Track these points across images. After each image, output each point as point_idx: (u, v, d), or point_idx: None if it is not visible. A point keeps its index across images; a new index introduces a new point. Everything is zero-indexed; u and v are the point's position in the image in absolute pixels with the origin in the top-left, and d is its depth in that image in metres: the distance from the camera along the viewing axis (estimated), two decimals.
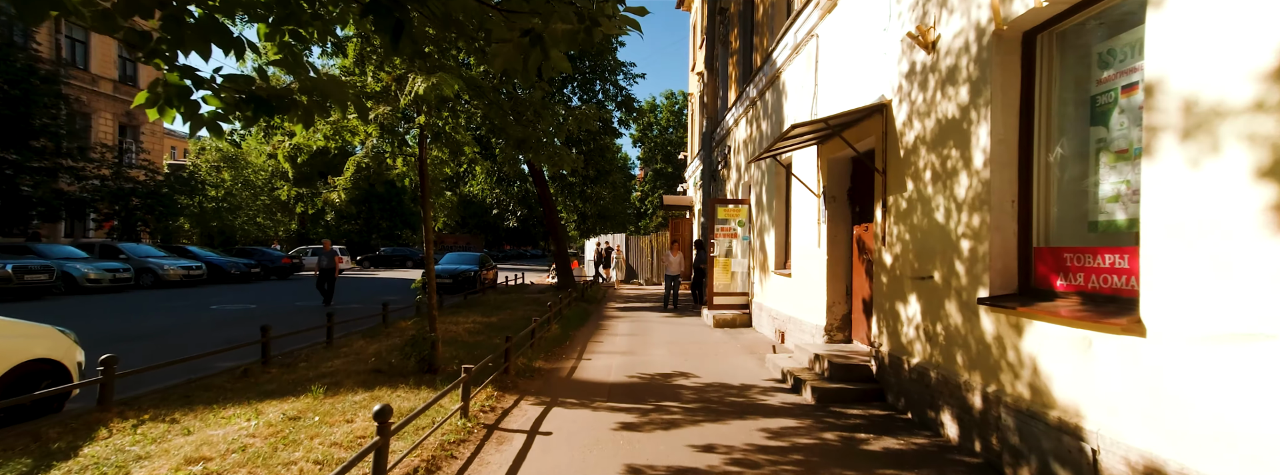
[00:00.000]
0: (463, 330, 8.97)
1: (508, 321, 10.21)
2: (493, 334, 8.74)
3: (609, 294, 17.88)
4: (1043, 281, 3.22)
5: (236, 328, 9.80)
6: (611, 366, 6.74)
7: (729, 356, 7.33)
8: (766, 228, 9.36)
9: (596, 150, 17.18)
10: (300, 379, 5.37)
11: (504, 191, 17.74)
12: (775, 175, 8.85)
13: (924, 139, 4.26)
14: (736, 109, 11.65)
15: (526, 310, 11.97)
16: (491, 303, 13.48)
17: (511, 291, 17.46)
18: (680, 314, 12.37)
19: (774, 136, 8.76)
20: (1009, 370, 3.19)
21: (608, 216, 19.84)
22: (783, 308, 8.18)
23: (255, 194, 35.84)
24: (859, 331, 6.14)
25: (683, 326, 10.37)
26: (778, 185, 8.83)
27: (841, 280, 6.38)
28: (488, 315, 10.93)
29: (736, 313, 10.42)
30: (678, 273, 13.72)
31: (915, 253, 4.35)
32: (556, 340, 8.51)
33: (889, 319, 4.80)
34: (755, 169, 10.18)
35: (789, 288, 7.89)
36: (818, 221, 6.61)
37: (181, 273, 17.40)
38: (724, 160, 13.43)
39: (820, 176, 6.60)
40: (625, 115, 17.19)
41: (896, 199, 4.70)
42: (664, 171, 44.58)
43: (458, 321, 9.90)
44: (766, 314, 9.12)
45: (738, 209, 10.71)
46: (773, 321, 8.71)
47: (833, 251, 6.39)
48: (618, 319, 11.46)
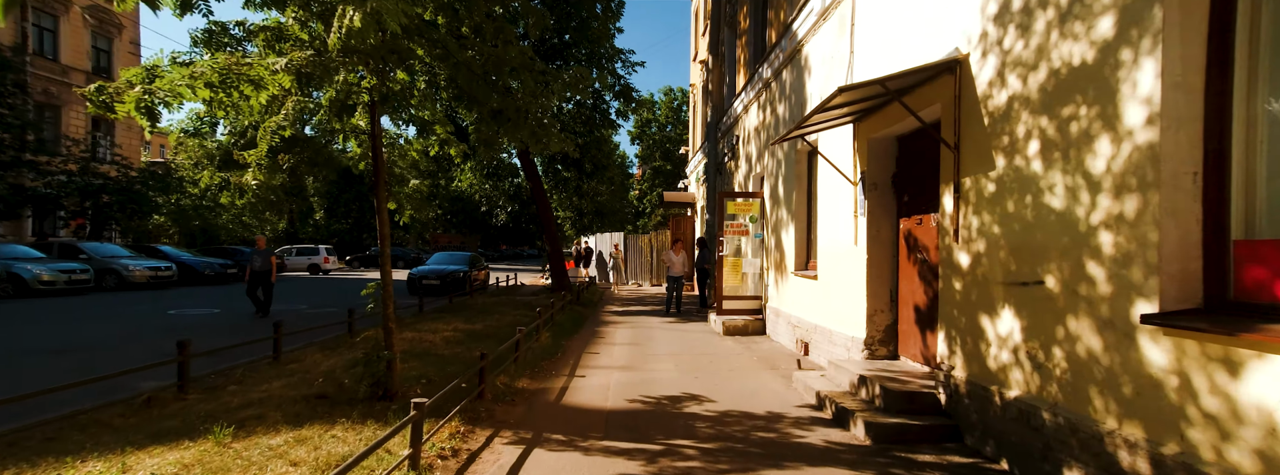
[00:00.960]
0: (440, 340, 7.89)
1: (493, 329, 9.13)
2: (474, 344, 7.66)
3: (606, 296, 16.81)
4: (1251, 290, 2.17)
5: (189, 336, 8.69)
6: (609, 386, 5.67)
7: (746, 372, 6.27)
8: (783, 223, 8.30)
9: (593, 142, 16.11)
10: (218, 410, 4.28)
11: (493, 186, 16.62)
12: (795, 163, 7.79)
13: (1026, 98, 3.20)
14: (746, 94, 10.59)
15: (516, 315, 10.90)
16: (479, 306, 12.40)
17: (502, 294, 16.39)
18: (684, 319, 11.31)
19: (793, 120, 7.71)
20: (1209, 426, 2.14)
21: (605, 213, 18.75)
22: (806, 315, 7.11)
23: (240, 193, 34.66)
24: (909, 346, 5.08)
25: (688, 334, 9.31)
26: (798, 174, 7.78)
27: (885, 284, 5.32)
28: (471, 321, 9.84)
29: (748, 318, 9.35)
30: (681, 274, 12.66)
31: (1011, 250, 3.29)
32: (546, 352, 7.43)
33: (966, 336, 3.74)
34: (769, 158, 9.12)
35: (814, 292, 6.83)
36: (854, 214, 5.55)
37: (148, 274, 16.26)
38: (731, 152, 12.37)
39: (857, 161, 5.54)
40: (624, 106, 16.11)
41: (978, 181, 3.64)
42: (663, 169, 43.51)
43: (437, 329, 8.82)
44: (785, 321, 8.06)
45: (749, 203, 9.65)
46: (792, 329, 7.65)
47: (874, 250, 5.32)
48: (616, 325, 10.39)
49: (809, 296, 7.06)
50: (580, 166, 15.85)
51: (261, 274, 11.26)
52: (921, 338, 4.79)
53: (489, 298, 14.55)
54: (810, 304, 6.99)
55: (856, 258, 5.51)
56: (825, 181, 6.52)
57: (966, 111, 3.75)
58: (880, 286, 5.33)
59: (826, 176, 6.46)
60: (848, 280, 5.73)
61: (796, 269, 7.73)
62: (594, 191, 17.74)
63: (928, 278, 4.68)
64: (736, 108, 11.60)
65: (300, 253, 27.84)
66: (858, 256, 5.48)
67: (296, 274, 26.98)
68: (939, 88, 4.06)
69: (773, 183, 8.95)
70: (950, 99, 3.90)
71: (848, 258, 5.74)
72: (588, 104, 16.06)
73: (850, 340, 5.63)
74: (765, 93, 9.36)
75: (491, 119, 4.78)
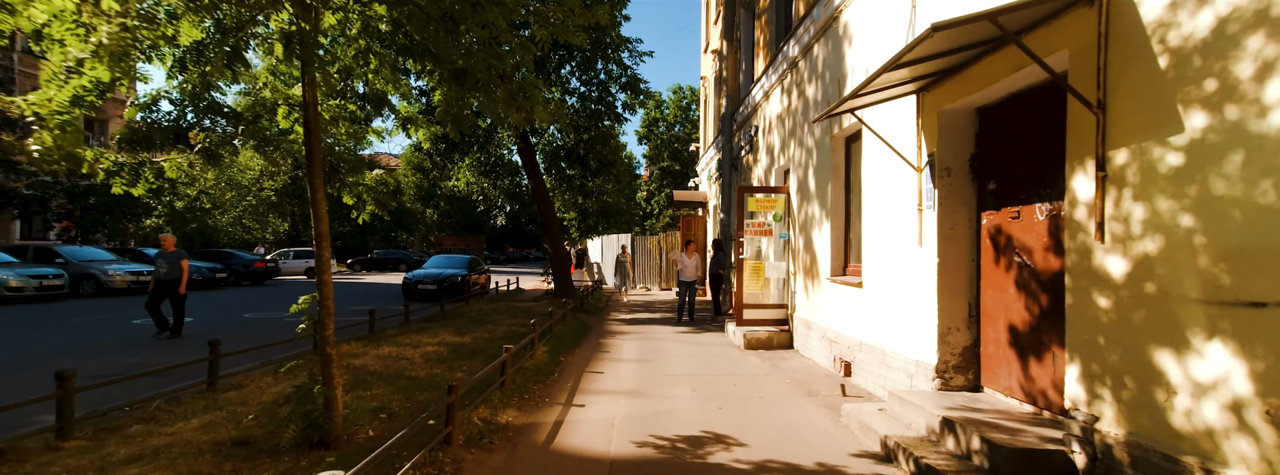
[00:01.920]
0: (419, 357, 6.83)
1: (484, 341, 8.08)
2: (458, 362, 6.61)
3: (612, 302, 15.73)
4: None
5: (145, 350, 7.72)
6: (613, 421, 4.59)
7: (780, 401, 5.16)
8: (814, 222, 7.18)
9: (598, 137, 15.06)
10: (87, 468, 3.23)
11: (492, 185, 15.59)
12: (829, 152, 6.68)
13: (1251, 18, 2.09)
14: (767, 79, 9.49)
15: (512, 324, 9.85)
16: (473, 314, 11.36)
17: (501, 299, 15.36)
18: (698, 328, 10.20)
19: (828, 101, 6.60)
20: None
21: (611, 214, 17.68)
22: (847, 329, 5.99)
23: (241, 194, 33.93)
24: (999, 376, 3.95)
25: (704, 347, 8.20)
26: (833, 164, 6.66)
27: (961, 295, 4.20)
28: (461, 333, 8.79)
29: (772, 330, 8.24)
30: (693, 278, 11.55)
31: (1221, 254, 2.17)
32: (542, 371, 6.36)
33: (1123, 375, 2.62)
34: (796, 148, 8.01)
35: (858, 302, 5.70)
36: (917, 208, 4.43)
37: (129, 279, 15.36)
38: (748, 144, 11.26)
39: (923, 141, 4.42)
40: (631, 98, 15.03)
41: (1143, 153, 2.53)
42: (671, 169, 42.44)
43: (419, 343, 7.76)
44: (818, 334, 6.93)
45: (772, 199, 8.54)
46: (828, 346, 6.52)
47: (948, 251, 4.20)
48: (622, 336, 9.30)
49: (850, 307, 5.94)
50: (584, 163, 14.80)
51: (168, 284, 8.76)
52: (1021, 367, 3.66)
53: (486, 304, 13.51)
54: (853, 316, 5.87)
55: (921, 262, 4.39)
56: (873, 169, 5.40)
57: (1121, 53, 2.64)
58: (954, 298, 4.20)
59: (875, 164, 5.34)
60: (908, 289, 4.61)
61: (832, 274, 6.61)
62: (599, 190, 16.66)
63: (1031, 288, 3.56)
64: (755, 95, 10.50)
65: (298, 256, 26.97)
66: (923, 260, 4.36)
67: (293, 278, 26.11)
68: (1066, 28, 2.95)
69: (801, 176, 7.83)
70: (1089, 40, 2.79)
71: (907, 261, 4.62)
72: (592, 96, 15.01)
73: (912, 364, 4.51)
74: (791, 74, 8.25)
75: (454, 82, 3.72)
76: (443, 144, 13.86)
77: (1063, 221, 3.22)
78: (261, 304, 14.30)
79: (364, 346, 7.32)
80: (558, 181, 15.87)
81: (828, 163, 6.74)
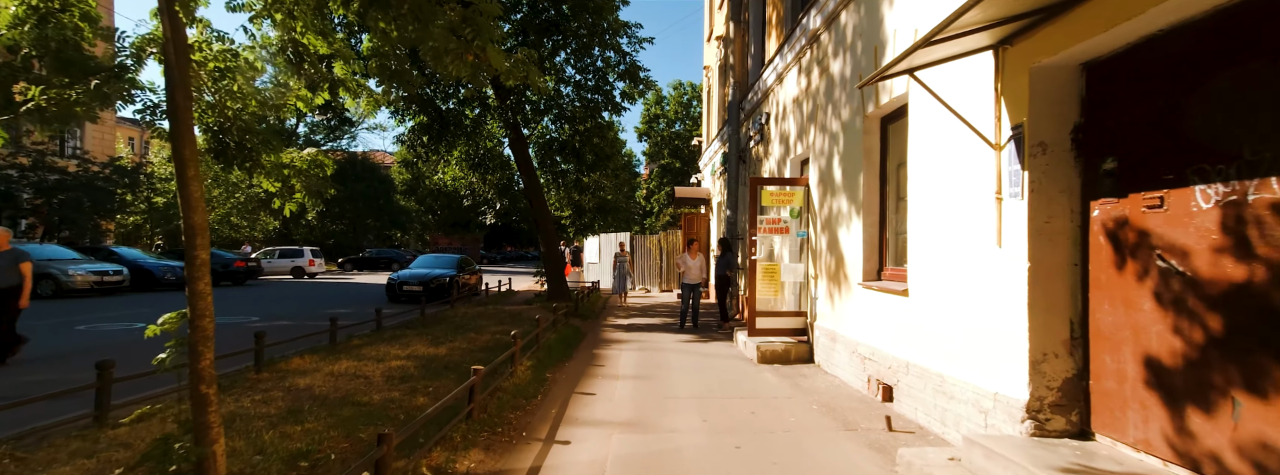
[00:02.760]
0: (380, 375, 5.82)
1: (462, 353, 7.08)
2: (425, 381, 5.61)
3: (609, 305, 14.73)
4: None
5: (66, 366, 6.69)
6: (604, 465, 3.60)
7: (813, 437, 4.15)
8: (841, 217, 6.19)
9: (595, 129, 14.06)
10: None
11: (480, 179, 14.58)
12: (862, 134, 5.67)
13: None
14: (781, 59, 8.49)
15: (497, 331, 8.86)
16: (456, 320, 10.36)
17: (491, 302, 14.35)
18: (703, 337, 9.20)
19: (859, 75, 5.60)
20: None
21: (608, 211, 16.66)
22: (887, 345, 4.99)
23: (229, 191, 32.91)
24: (1121, 421, 2.95)
25: (712, 361, 7.20)
26: (866, 150, 5.66)
27: (1062, 310, 3.20)
28: (438, 343, 7.79)
29: (789, 342, 7.24)
30: (697, 281, 10.56)
31: None
32: (522, 392, 5.37)
33: None
34: (818, 133, 7.01)
35: (904, 314, 4.70)
36: (997, 196, 3.43)
37: (92, 280, 14.35)
38: (759, 134, 10.26)
39: (1003, 109, 3.42)
40: (630, 87, 14.03)
41: None
42: (671, 167, 41.48)
43: (386, 356, 6.76)
44: (845, 348, 5.93)
45: (789, 192, 7.54)
46: (861, 363, 5.52)
47: (1042, 252, 3.20)
48: (619, 345, 8.30)
49: (891, 319, 4.93)
50: (580, 156, 13.79)
51: (4, 293, 6.53)
52: (1169, 414, 2.66)
53: (473, 308, 12.50)
54: (894, 330, 4.86)
55: (1001, 265, 3.39)
56: (927, 151, 4.40)
57: None
58: (1051, 314, 3.20)
59: (930, 143, 4.34)
60: (979, 300, 3.61)
61: (865, 279, 5.60)
62: (596, 185, 15.65)
63: (1187, 304, 2.56)
64: (766, 79, 9.50)
65: (283, 255, 25.94)
66: (1005, 264, 3.36)
67: (278, 278, 25.10)
68: None
69: (823, 165, 6.83)
70: None
71: (978, 265, 3.62)
72: (589, 84, 14.01)
73: (986, 397, 3.51)
74: (811, 50, 7.25)
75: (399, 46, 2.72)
76: (426, 135, 12.86)
77: (1258, 210, 2.23)
78: (231, 308, 13.29)
79: (319, 361, 6.32)
80: (552, 176, 14.87)
81: (859, 148, 5.73)
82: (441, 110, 13.08)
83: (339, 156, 40.95)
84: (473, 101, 13.40)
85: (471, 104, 13.43)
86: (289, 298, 16.11)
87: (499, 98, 13.14)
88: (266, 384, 5.23)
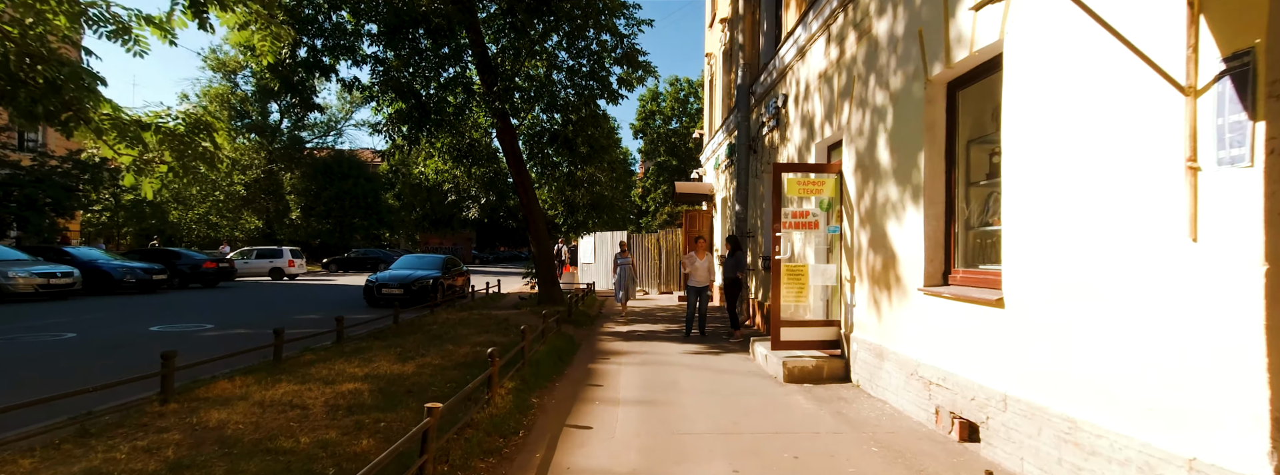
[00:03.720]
0: (322, 403, 4.66)
1: (433, 371, 5.94)
2: (377, 412, 4.46)
3: (606, 308, 13.60)
4: None
5: None
6: None
7: None
8: (891, 207, 5.09)
9: (589, 118, 12.91)
10: None
11: (465, 173, 13.39)
12: (923, 104, 4.57)
13: None
14: (803, 30, 7.40)
15: (480, 342, 7.72)
16: (436, 328, 9.19)
17: (477, 306, 13.19)
18: (713, 347, 8.09)
19: (910, 35, 4.50)
20: None
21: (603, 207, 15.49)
22: (971, 370, 3.89)
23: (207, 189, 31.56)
24: None
25: (728, 379, 6.09)
26: (928, 123, 4.56)
27: None
28: (407, 357, 6.64)
29: (820, 356, 6.15)
30: (704, 284, 9.45)
31: None
32: (500, 426, 4.25)
33: None
34: (855, 110, 5.91)
35: (997, 330, 3.60)
36: (1191, 163, 2.34)
37: (38, 282, 13.08)
38: (774, 119, 9.16)
39: (1204, 32, 2.31)
40: (628, 73, 12.88)
41: None
42: (668, 164, 40.37)
43: (337, 376, 5.60)
44: (898, 368, 4.83)
45: (819, 180, 6.43)
46: (924, 389, 4.42)
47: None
48: (619, 359, 7.18)
49: (974, 336, 3.83)
50: (573, 147, 12.64)
51: None
52: None
53: (456, 313, 11.33)
54: (979, 351, 3.76)
55: (1200, 266, 2.29)
56: (1041, 111, 3.30)
57: None
58: None
59: (1050, 99, 3.23)
60: (1149, 316, 2.52)
61: (928, 284, 4.50)
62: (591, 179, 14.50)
63: None
64: (784, 56, 8.40)
65: (261, 255, 24.64)
66: (1208, 264, 2.27)
67: (254, 279, 23.83)
68: None
69: (862, 147, 5.73)
70: None
71: (1148, 266, 2.52)
72: (583, 70, 12.86)
73: (1177, 465, 2.40)
74: (846, 12, 6.15)
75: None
76: (405, 123, 11.66)
77: None
78: (187, 313, 12.08)
79: (252, 384, 5.15)
80: (543, 169, 13.70)
81: (918, 122, 4.63)
82: (421, 96, 11.90)
83: (324, 154, 39.64)
84: (455, 86, 12.23)
85: (454, 89, 12.25)
86: (259, 302, 14.89)
87: (485, 84, 11.98)
88: (167, 421, 4.07)
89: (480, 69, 11.98)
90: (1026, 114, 3.39)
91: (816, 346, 6.36)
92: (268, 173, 36.31)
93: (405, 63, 11.52)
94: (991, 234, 4.24)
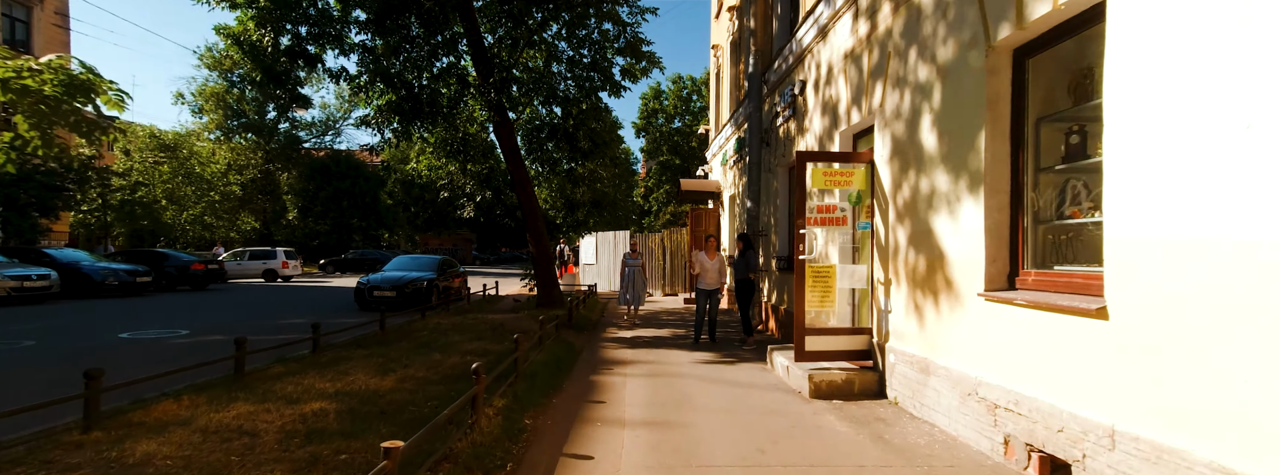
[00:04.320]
0: (277, 429, 3.98)
1: (412, 388, 5.26)
2: (340, 441, 3.79)
3: (608, 312, 12.92)
4: None
5: None
6: None
7: None
8: (938, 199, 4.40)
9: (591, 112, 12.24)
10: None
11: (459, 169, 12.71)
12: (987, 75, 3.88)
13: None
14: (827, 5, 6.71)
15: (472, 350, 7.06)
16: (424, 334, 8.52)
17: (473, 309, 12.52)
18: (726, 356, 7.41)
19: None
20: None
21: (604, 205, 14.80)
22: (1062, 397, 3.19)
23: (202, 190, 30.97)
24: None
25: (748, 395, 5.40)
26: (990, 98, 3.86)
27: None
28: (387, 370, 5.96)
29: (850, 369, 5.46)
30: (715, 286, 8.77)
31: None
32: (485, 457, 3.57)
33: None
34: (890, 91, 5.22)
35: (1104, 348, 2.91)
36: None
37: (10, 286, 12.44)
38: (789, 108, 8.48)
39: None
40: (631, 64, 12.21)
41: None
42: (671, 163, 39.70)
43: (304, 393, 4.93)
44: (952, 386, 4.13)
45: (848, 170, 5.74)
46: (987, 411, 3.72)
47: None
48: (623, 369, 6.49)
49: (1063, 353, 3.14)
50: (573, 141, 11.96)
51: None
52: None
53: (448, 318, 10.66)
54: (1071, 372, 3.07)
55: None
56: (1180, 61, 2.60)
57: None
58: None
59: (1188, 46, 2.54)
60: None
61: (990, 287, 3.81)
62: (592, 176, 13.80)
63: None
64: (802, 39, 7.72)
65: (254, 256, 23.99)
66: None
67: (247, 281, 23.20)
68: None
69: (900, 131, 5.04)
70: None
71: None
72: (584, 61, 12.20)
73: None
74: None
75: None
76: (396, 115, 10.99)
77: None
78: (165, 318, 11.43)
79: (200, 404, 4.48)
80: (542, 166, 13.02)
81: (978, 97, 3.94)
82: (412, 87, 11.23)
83: (322, 154, 39.05)
84: (449, 77, 11.56)
85: (448, 80, 11.57)
86: (245, 305, 14.24)
87: (481, 75, 11.31)
88: (82, 455, 3.39)
89: (476, 59, 11.32)
90: (1149, 72, 2.70)
91: (844, 357, 5.67)
92: (264, 173, 35.74)
93: (395, 51, 10.86)
94: (1071, 229, 3.55)
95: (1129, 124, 2.76)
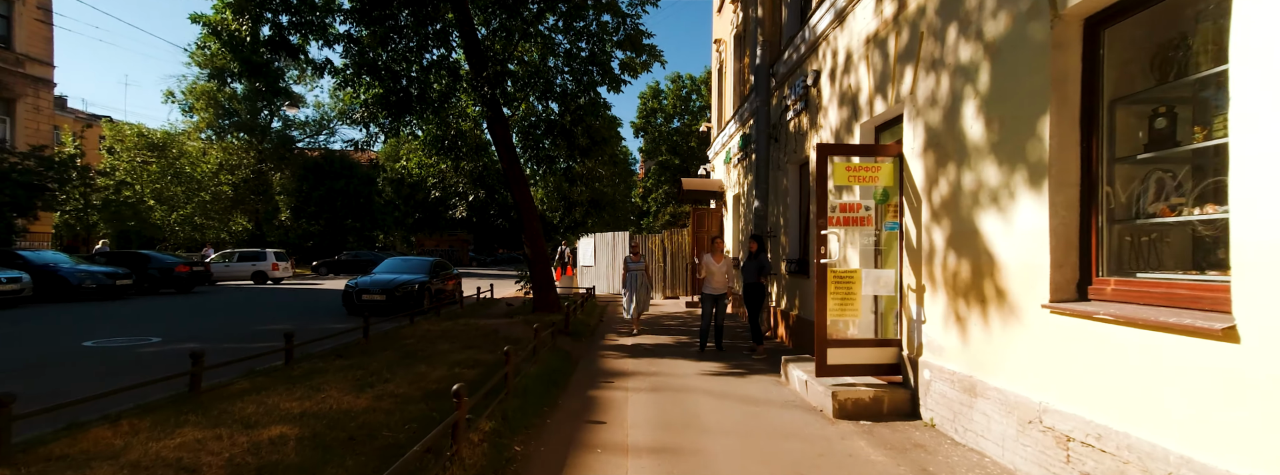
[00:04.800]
0: (219, 465, 3.40)
1: (389, 406, 4.68)
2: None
3: (608, 316, 12.35)
4: None
5: None
6: None
7: None
8: (986, 195, 3.85)
9: (589, 107, 11.68)
10: None
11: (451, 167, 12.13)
12: (1052, 50, 3.33)
13: None
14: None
15: (460, 360, 6.48)
16: (411, 342, 7.93)
17: (465, 314, 11.93)
18: (736, 367, 6.85)
19: None
20: None
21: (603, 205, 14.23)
22: (1170, 436, 2.65)
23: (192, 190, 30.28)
24: None
25: (764, 414, 4.84)
26: (1055, 78, 3.31)
27: None
28: (365, 385, 5.37)
29: (878, 385, 4.91)
30: (722, 290, 8.22)
31: None
32: None
33: None
34: (924, 76, 4.67)
35: (1234, 376, 2.34)
36: None
37: None
38: (802, 100, 7.93)
39: None
40: (631, 57, 11.65)
41: None
42: (670, 163, 39.11)
43: (265, 414, 4.35)
44: (1007, 411, 3.58)
45: (874, 165, 5.19)
46: (1055, 443, 3.17)
47: None
48: (624, 383, 5.93)
49: (1169, 381, 2.59)
50: (571, 137, 11.41)
51: None
52: None
53: (438, 323, 10.07)
54: (1183, 405, 2.52)
55: None
56: None
57: None
58: None
59: None
60: None
61: (1057, 298, 3.26)
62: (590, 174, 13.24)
63: None
64: (816, 26, 7.17)
65: (243, 258, 23.35)
66: None
67: (236, 283, 22.57)
68: None
69: (937, 120, 4.49)
70: None
71: None
72: (582, 54, 11.64)
73: None
74: None
75: None
76: (384, 109, 10.42)
77: None
78: (137, 323, 10.83)
79: (143, 429, 3.90)
80: (538, 163, 12.45)
81: (1041, 75, 3.38)
82: (401, 81, 10.67)
83: (315, 154, 38.37)
84: (440, 70, 10.99)
85: (439, 73, 11.00)
86: (228, 309, 13.64)
87: (474, 69, 10.75)
88: None
89: (468, 52, 10.75)
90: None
91: (869, 371, 5.11)
92: (257, 173, 35.06)
93: (382, 42, 10.29)
94: (1154, 229, 3.00)
95: (1268, 96, 2.21)
